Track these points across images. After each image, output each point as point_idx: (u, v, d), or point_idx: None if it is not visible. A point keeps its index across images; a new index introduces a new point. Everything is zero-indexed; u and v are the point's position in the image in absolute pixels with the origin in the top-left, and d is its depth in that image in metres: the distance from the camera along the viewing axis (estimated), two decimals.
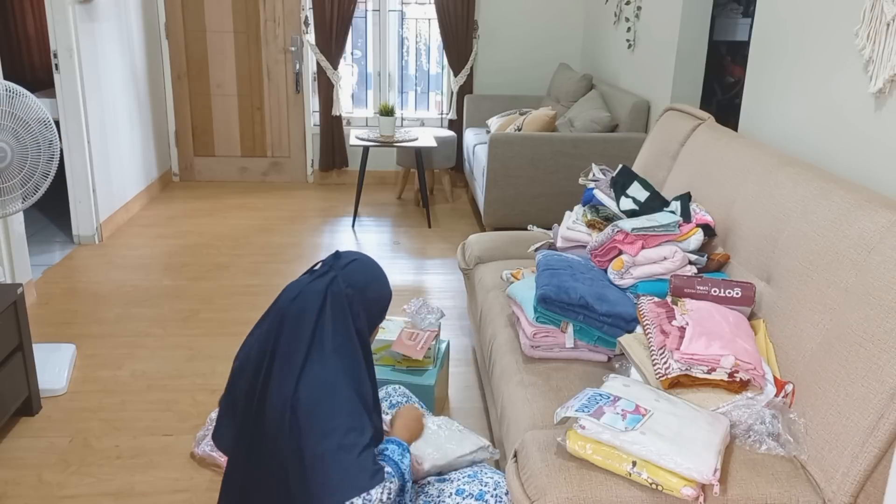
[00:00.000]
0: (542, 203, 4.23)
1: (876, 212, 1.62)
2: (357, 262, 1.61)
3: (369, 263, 1.64)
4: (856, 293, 1.56)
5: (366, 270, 1.61)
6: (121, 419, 2.54)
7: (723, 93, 4.87)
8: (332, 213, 5.05)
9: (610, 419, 1.47)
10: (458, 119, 5.71)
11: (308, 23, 5.47)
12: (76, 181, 4.14)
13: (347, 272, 1.57)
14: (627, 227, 2.14)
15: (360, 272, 1.59)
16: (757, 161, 2.19)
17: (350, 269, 1.58)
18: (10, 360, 2.39)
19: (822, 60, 2.33)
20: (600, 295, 2.01)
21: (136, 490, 2.18)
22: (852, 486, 1.41)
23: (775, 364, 1.75)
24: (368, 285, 1.60)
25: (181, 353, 3.01)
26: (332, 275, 1.56)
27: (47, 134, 2.60)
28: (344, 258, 1.61)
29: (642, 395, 1.57)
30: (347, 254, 1.63)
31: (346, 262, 1.59)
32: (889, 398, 1.39)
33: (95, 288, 3.65)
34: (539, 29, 5.63)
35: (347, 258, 1.61)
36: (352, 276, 1.57)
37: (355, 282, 1.57)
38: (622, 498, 1.43)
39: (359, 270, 1.59)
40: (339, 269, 1.57)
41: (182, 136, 5.69)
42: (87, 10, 4.10)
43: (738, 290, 1.88)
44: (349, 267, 1.59)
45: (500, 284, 2.56)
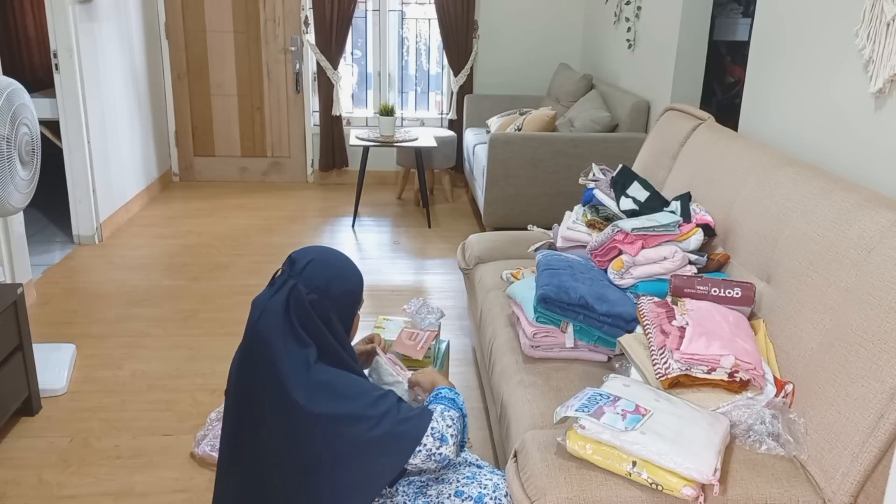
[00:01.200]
0: (542, 203, 4.23)
1: (876, 212, 1.62)
2: (313, 263, 1.54)
3: (327, 259, 1.58)
4: (856, 293, 1.56)
5: (325, 268, 1.55)
6: (121, 419, 2.54)
7: (723, 93, 4.87)
8: (332, 213, 5.05)
9: (610, 419, 1.47)
10: (458, 119, 5.71)
11: (308, 23, 5.47)
12: (76, 181, 4.14)
13: (306, 276, 1.52)
14: (627, 227, 2.14)
15: (319, 273, 1.54)
16: (757, 161, 2.19)
17: (308, 272, 1.53)
18: (10, 360, 2.39)
19: (822, 60, 2.33)
20: (600, 295, 2.01)
21: (136, 490, 2.19)
22: (852, 486, 1.41)
23: (775, 364, 1.75)
24: (331, 283, 1.54)
25: (181, 353, 3.01)
26: (291, 283, 1.51)
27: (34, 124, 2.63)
28: (299, 261, 1.55)
29: (642, 394, 1.57)
30: (302, 255, 1.57)
31: (303, 265, 1.54)
32: (889, 398, 1.39)
33: (95, 288, 3.65)
34: (539, 29, 5.63)
35: (303, 260, 1.55)
36: (311, 280, 1.52)
37: (316, 285, 1.52)
38: (622, 498, 1.43)
39: (317, 271, 1.54)
40: (297, 276, 1.52)
41: (182, 136, 5.69)
42: (87, 10, 4.10)
43: (738, 290, 1.88)
44: (307, 270, 1.53)
45: (500, 284, 2.56)
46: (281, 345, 1.47)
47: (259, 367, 1.49)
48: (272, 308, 1.50)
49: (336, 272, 1.57)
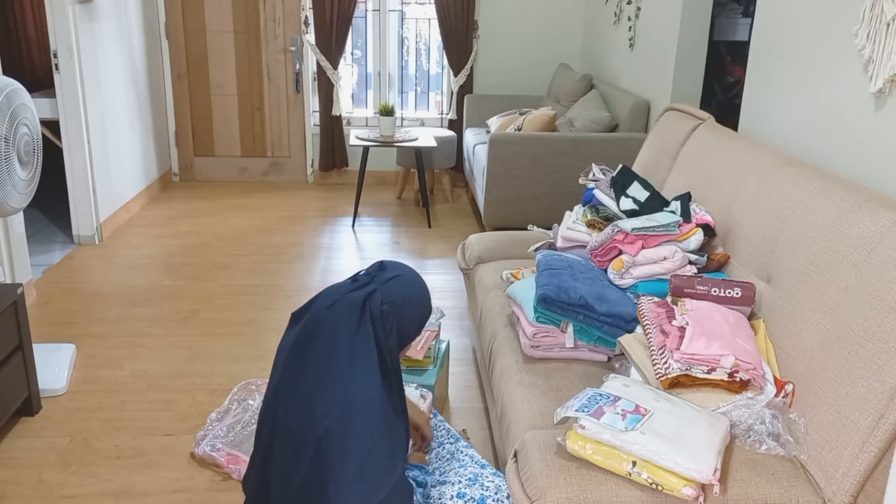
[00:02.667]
0: (542, 203, 4.23)
1: (876, 212, 1.62)
2: (400, 279, 1.55)
3: (413, 280, 1.58)
4: (856, 293, 1.56)
5: (407, 288, 1.55)
6: (121, 419, 2.54)
7: (723, 93, 4.87)
8: (332, 213, 5.05)
9: (610, 419, 1.47)
10: (458, 119, 5.71)
11: (308, 23, 5.47)
12: (76, 181, 4.14)
13: (388, 288, 1.52)
14: (627, 227, 2.14)
15: (401, 289, 1.54)
16: (757, 161, 2.19)
17: (391, 284, 1.53)
18: (10, 360, 2.39)
19: (821, 60, 2.33)
20: (600, 295, 2.01)
21: (136, 490, 2.18)
22: (852, 486, 1.41)
23: (775, 364, 1.75)
24: (406, 304, 1.54)
25: (181, 353, 3.01)
26: (372, 287, 1.51)
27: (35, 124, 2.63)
28: (388, 271, 1.56)
29: (642, 394, 1.57)
30: (392, 267, 1.58)
31: (389, 276, 1.54)
32: (889, 398, 1.39)
33: (95, 288, 3.65)
34: (539, 29, 5.63)
35: (391, 272, 1.56)
36: (392, 293, 1.52)
37: (394, 299, 1.52)
38: (622, 498, 1.43)
39: (400, 287, 1.54)
40: (380, 283, 1.53)
41: (182, 136, 5.69)
42: (87, 10, 4.10)
43: (738, 290, 1.88)
44: (391, 283, 1.53)
45: (500, 284, 2.56)
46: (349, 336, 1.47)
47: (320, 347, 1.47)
48: (347, 302, 1.49)
49: (415, 296, 1.56)
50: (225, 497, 2.16)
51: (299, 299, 3.57)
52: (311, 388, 1.45)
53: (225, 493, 2.17)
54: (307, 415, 1.42)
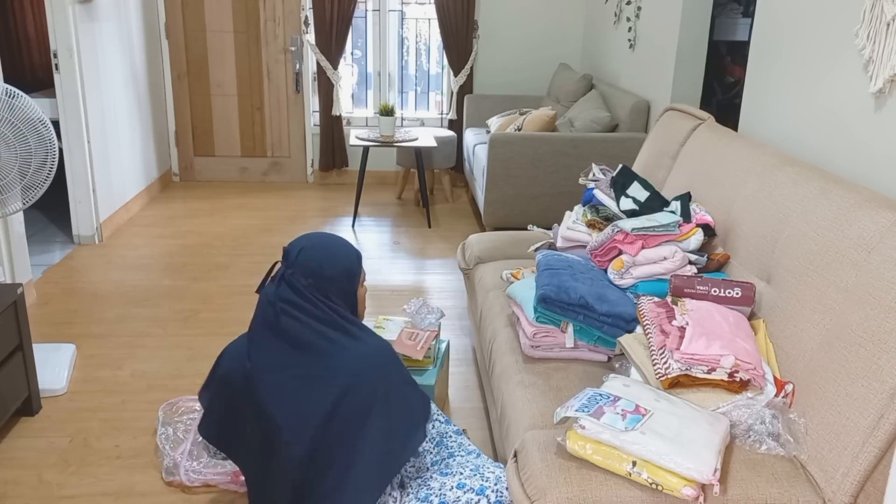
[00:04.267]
0: (542, 203, 4.23)
1: (876, 212, 1.62)
2: (304, 251, 1.65)
3: (316, 243, 1.68)
4: (856, 293, 1.56)
5: (315, 252, 1.66)
6: (121, 419, 2.54)
7: (723, 93, 4.87)
8: (332, 213, 5.05)
9: (610, 419, 1.47)
10: (458, 119, 5.71)
11: (308, 23, 5.47)
12: (76, 181, 4.14)
13: (300, 264, 1.63)
14: (627, 227, 2.14)
15: (310, 258, 1.64)
16: (757, 161, 2.19)
17: (300, 259, 1.64)
18: (10, 360, 2.39)
19: (821, 60, 2.33)
20: (600, 295, 2.01)
21: (136, 490, 2.18)
22: (852, 486, 1.41)
23: (775, 364, 1.75)
24: (323, 266, 1.64)
25: (181, 353, 3.01)
26: (289, 273, 1.63)
27: (45, 133, 2.60)
28: (292, 251, 1.66)
29: (642, 394, 1.57)
30: (294, 245, 1.68)
31: (295, 254, 1.65)
32: (889, 398, 1.39)
33: (95, 288, 3.65)
34: (539, 29, 5.63)
35: (295, 250, 1.66)
36: (305, 266, 1.63)
37: (310, 269, 1.63)
38: (622, 498, 1.43)
39: (309, 257, 1.64)
40: (292, 265, 1.64)
41: (182, 136, 5.69)
42: (87, 10, 4.10)
43: (738, 290, 1.88)
44: (299, 258, 1.64)
45: (500, 284, 2.56)
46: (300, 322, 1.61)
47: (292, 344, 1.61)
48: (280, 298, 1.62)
49: (327, 254, 1.67)
50: (225, 497, 2.16)
51: None
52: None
53: (225, 493, 2.17)
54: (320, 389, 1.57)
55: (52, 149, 2.61)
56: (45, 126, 2.59)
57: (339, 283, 1.67)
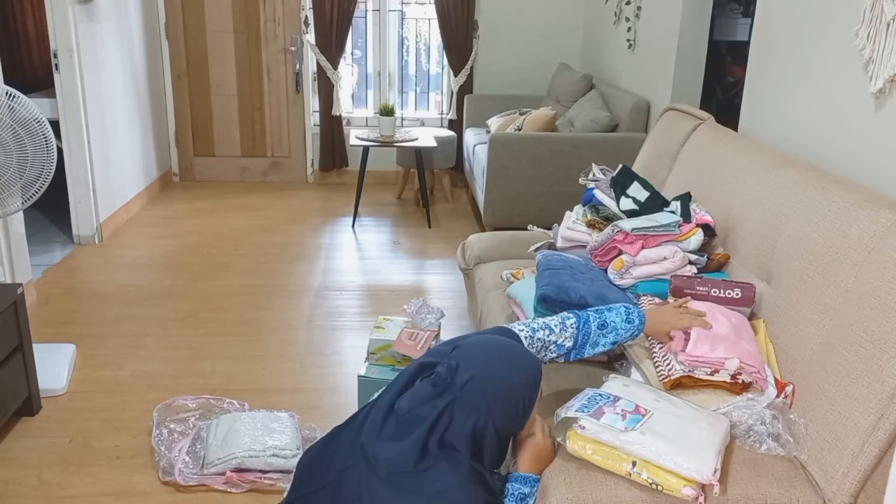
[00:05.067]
0: (542, 203, 4.23)
1: (876, 212, 1.62)
2: (474, 380, 1.28)
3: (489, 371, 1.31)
4: (856, 293, 1.55)
5: (486, 384, 1.29)
6: (121, 419, 2.54)
7: (723, 93, 4.87)
8: (332, 213, 5.05)
9: (610, 419, 1.47)
10: (458, 119, 5.71)
11: (308, 23, 5.47)
12: (76, 181, 4.14)
13: (467, 396, 1.26)
14: (627, 227, 2.14)
15: (480, 391, 1.27)
16: (757, 161, 2.19)
17: (469, 389, 1.26)
18: (10, 360, 2.39)
19: (822, 60, 2.33)
20: (600, 295, 2.01)
21: (136, 490, 2.18)
22: (852, 486, 1.41)
23: (776, 364, 1.74)
24: (492, 405, 1.27)
25: (181, 353, 3.01)
26: (450, 399, 1.27)
27: (45, 132, 2.60)
28: (462, 371, 1.27)
29: (642, 395, 1.57)
30: (463, 360, 1.29)
31: (466, 380, 1.27)
32: (889, 398, 1.39)
33: (95, 288, 3.65)
34: (539, 29, 5.63)
35: (466, 373, 1.27)
36: (473, 401, 1.26)
37: (478, 406, 1.27)
38: (622, 498, 1.43)
39: (479, 389, 1.27)
40: (457, 390, 1.27)
41: (182, 136, 5.69)
42: (87, 10, 4.10)
43: (738, 290, 1.88)
44: (468, 387, 1.26)
45: (500, 284, 2.56)
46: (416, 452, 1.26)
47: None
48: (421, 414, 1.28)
49: (499, 388, 1.30)
50: (225, 497, 2.16)
51: (299, 299, 3.58)
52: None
53: (225, 493, 2.17)
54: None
55: (50, 150, 2.61)
56: (43, 126, 2.59)
57: (506, 423, 1.30)
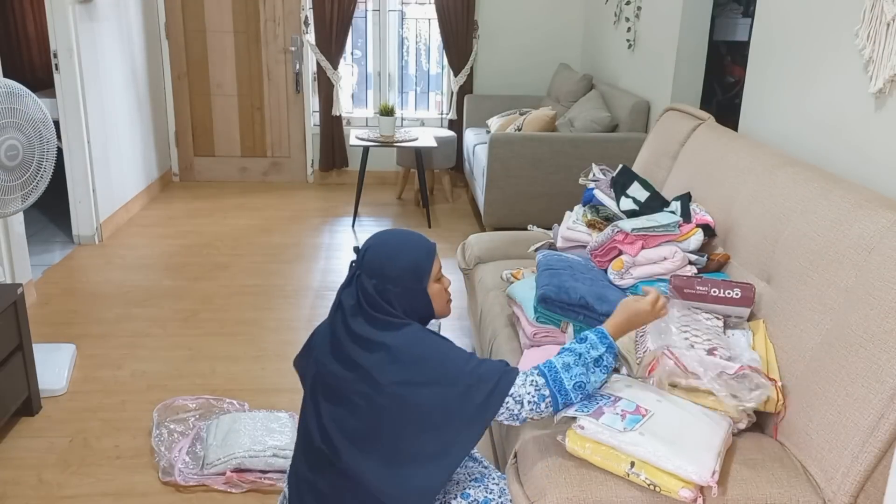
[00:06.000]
0: (542, 203, 4.23)
1: (876, 212, 1.62)
2: (370, 249, 1.58)
3: (382, 241, 1.60)
4: (856, 293, 1.55)
5: (379, 251, 1.58)
6: (121, 419, 2.54)
7: (723, 93, 4.87)
8: (332, 213, 5.05)
9: (609, 419, 1.47)
10: (458, 119, 5.71)
11: (308, 23, 5.47)
12: (76, 181, 4.14)
13: (366, 264, 1.57)
14: (627, 227, 2.14)
15: (374, 257, 1.57)
16: (757, 161, 2.19)
17: (367, 259, 1.57)
18: (10, 360, 2.39)
19: (822, 60, 2.33)
20: (600, 295, 2.01)
21: (136, 490, 2.18)
22: (852, 486, 1.41)
23: (776, 364, 1.74)
24: (384, 266, 1.55)
25: (181, 353, 3.01)
26: (357, 273, 1.57)
27: (46, 133, 2.60)
28: (361, 251, 1.60)
29: (644, 395, 1.57)
30: (365, 244, 1.61)
31: (363, 254, 1.59)
32: (889, 398, 1.39)
33: (95, 288, 3.65)
34: (539, 29, 5.63)
35: (363, 249, 1.59)
36: (370, 266, 1.56)
37: (374, 269, 1.55)
38: (622, 498, 1.43)
39: (373, 257, 1.57)
40: (360, 265, 1.58)
41: (182, 136, 5.69)
42: (87, 10, 4.10)
43: (738, 290, 1.87)
44: (366, 258, 1.57)
45: (500, 284, 2.56)
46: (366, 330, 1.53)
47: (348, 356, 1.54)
48: (347, 302, 1.57)
49: (389, 252, 1.57)
50: (225, 497, 2.16)
51: (299, 299, 3.58)
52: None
53: (225, 493, 2.17)
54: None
55: (50, 149, 2.61)
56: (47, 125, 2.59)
57: (404, 281, 1.55)
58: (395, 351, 1.49)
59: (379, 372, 1.48)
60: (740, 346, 1.72)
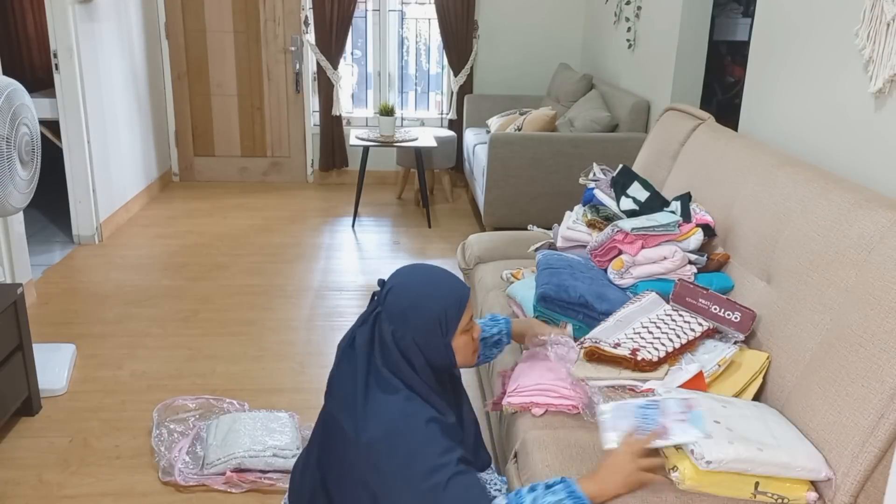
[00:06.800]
0: (542, 203, 4.23)
1: (876, 212, 1.62)
2: (394, 290, 1.43)
3: (408, 281, 1.45)
4: (856, 293, 1.55)
5: (403, 294, 1.42)
6: (121, 419, 2.54)
7: (723, 93, 4.87)
8: (332, 213, 5.05)
9: (681, 428, 1.44)
10: (458, 119, 5.71)
11: (308, 23, 5.47)
12: (76, 181, 4.14)
13: (388, 305, 1.41)
14: (627, 226, 2.14)
15: (397, 300, 1.41)
16: (757, 161, 2.19)
17: (389, 300, 1.42)
18: (10, 360, 2.39)
19: (822, 60, 2.33)
20: (600, 294, 2.01)
21: (136, 490, 2.18)
22: (852, 486, 1.41)
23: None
24: (407, 312, 1.40)
25: (181, 353, 3.01)
26: (377, 311, 1.43)
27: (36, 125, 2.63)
28: (386, 286, 1.45)
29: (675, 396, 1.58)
30: (391, 278, 1.47)
31: (386, 291, 1.43)
32: (889, 398, 1.39)
33: (95, 288, 3.65)
34: (539, 29, 5.63)
35: (388, 285, 1.44)
36: (391, 309, 1.41)
37: (395, 314, 1.40)
38: (622, 498, 1.43)
39: (396, 299, 1.41)
40: (382, 303, 1.43)
41: (182, 136, 5.69)
42: (87, 10, 4.10)
43: (739, 314, 1.83)
44: (388, 298, 1.42)
45: (500, 284, 2.56)
46: (365, 374, 1.40)
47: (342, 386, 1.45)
48: (361, 338, 1.43)
49: (415, 296, 1.41)
50: (225, 497, 2.16)
51: (299, 299, 3.58)
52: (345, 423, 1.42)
53: (225, 493, 2.17)
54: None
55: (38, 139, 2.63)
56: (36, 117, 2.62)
57: (426, 333, 1.39)
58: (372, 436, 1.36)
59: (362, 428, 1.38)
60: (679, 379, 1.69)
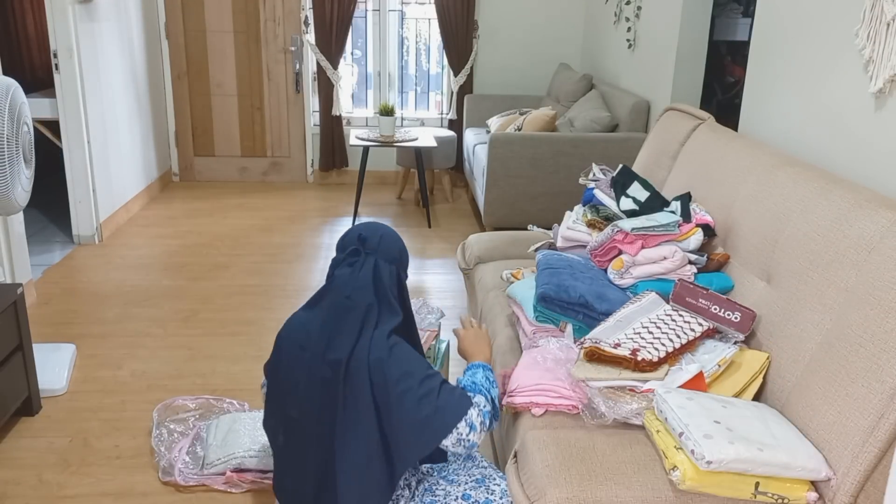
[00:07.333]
0: (542, 203, 4.23)
1: (876, 212, 1.62)
2: (384, 238, 1.70)
3: (390, 232, 1.74)
4: (856, 293, 1.55)
5: (394, 240, 1.72)
6: (121, 419, 2.54)
7: (723, 93, 4.87)
8: (332, 213, 5.05)
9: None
10: (458, 119, 5.71)
11: (308, 23, 5.47)
12: (76, 181, 4.14)
13: (383, 251, 1.68)
14: (627, 226, 2.14)
15: (391, 245, 1.70)
16: (757, 161, 2.19)
17: (383, 246, 1.69)
18: (10, 360, 2.39)
19: (822, 60, 2.33)
20: (600, 294, 2.01)
21: (136, 490, 2.18)
22: (852, 486, 1.41)
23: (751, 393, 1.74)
24: (402, 253, 1.72)
25: (181, 353, 3.01)
26: (373, 259, 1.66)
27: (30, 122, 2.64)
28: (372, 238, 1.69)
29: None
30: (370, 232, 1.70)
31: (377, 241, 1.69)
32: (889, 398, 1.39)
33: (95, 288, 3.65)
34: (539, 29, 5.63)
35: (375, 237, 1.69)
36: (388, 253, 1.69)
37: (393, 256, 1.69)
38: (622, 498, 1.43)
39: (390, 245, 1.70)
40: (374, 252, 1.67)
41: (182, 136, 5.69)
42: (87, 10, 4.10)
43: (739, 314, 1.82)
44: (382, 245, 1.69)
45: (500, 284, 2.56)
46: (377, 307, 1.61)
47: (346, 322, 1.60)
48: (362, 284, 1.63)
49: (399, 242, 1.74)
50: (225, 497, 2.16)
51: (299, 299, 3.57)
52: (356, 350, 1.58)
53: (225, 493, 2.17)
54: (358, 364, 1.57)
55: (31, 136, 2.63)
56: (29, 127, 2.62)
57: (405, 263, 1.74)
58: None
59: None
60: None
